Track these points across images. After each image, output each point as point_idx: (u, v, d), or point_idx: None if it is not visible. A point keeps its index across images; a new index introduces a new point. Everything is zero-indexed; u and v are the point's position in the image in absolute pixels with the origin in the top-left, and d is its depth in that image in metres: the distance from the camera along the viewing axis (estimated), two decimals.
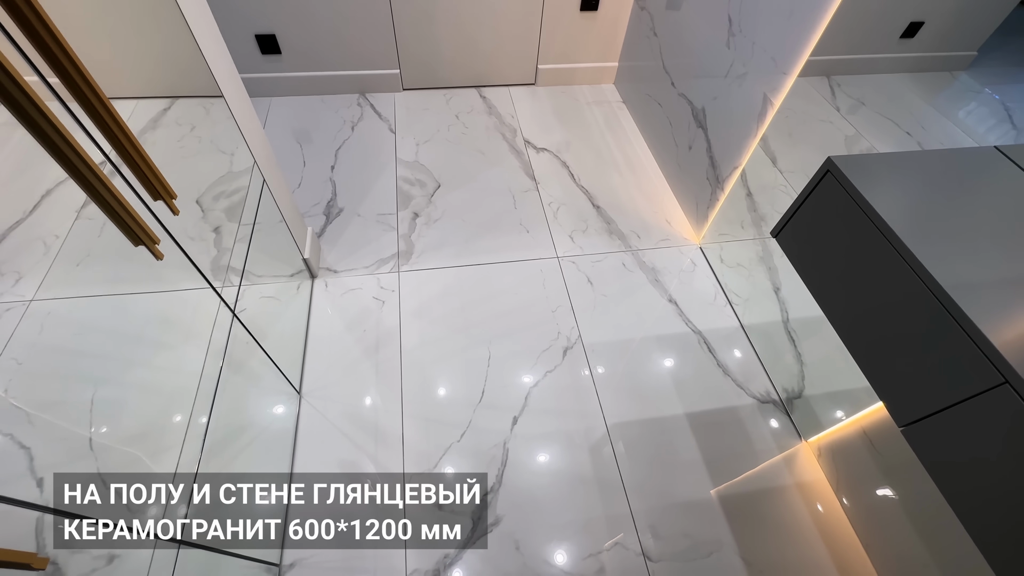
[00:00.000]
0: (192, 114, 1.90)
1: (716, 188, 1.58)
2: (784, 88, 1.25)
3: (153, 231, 0.67)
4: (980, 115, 1.22)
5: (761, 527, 1.16)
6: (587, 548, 1.11)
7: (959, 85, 1.24)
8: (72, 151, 0.54)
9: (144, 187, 0.71)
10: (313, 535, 1.09)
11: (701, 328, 1.49)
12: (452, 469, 1.19)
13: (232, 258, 1.46)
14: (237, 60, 1.96)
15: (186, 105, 1.91)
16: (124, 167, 0.69)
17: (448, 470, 1.19)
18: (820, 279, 0.80)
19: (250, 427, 1.25)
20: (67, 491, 0.91)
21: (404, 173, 1.83)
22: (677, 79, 1.75)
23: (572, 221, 1.74)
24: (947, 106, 1.27)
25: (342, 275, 1.53)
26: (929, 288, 0.61)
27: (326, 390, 1.30)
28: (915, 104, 1.31)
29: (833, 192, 0.75)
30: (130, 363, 1.28)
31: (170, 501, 1.03)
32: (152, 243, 0.67)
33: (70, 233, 1.41)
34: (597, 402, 1.32)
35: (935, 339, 0.61)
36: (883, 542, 1.10)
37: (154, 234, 0.67)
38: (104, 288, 1.37)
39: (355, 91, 2.13)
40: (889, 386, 0.69)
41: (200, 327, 1.33)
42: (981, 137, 1.18)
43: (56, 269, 1.36)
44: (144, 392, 1.25)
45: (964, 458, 0.59)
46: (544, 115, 2.12)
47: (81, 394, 1.21)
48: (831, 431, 1.21)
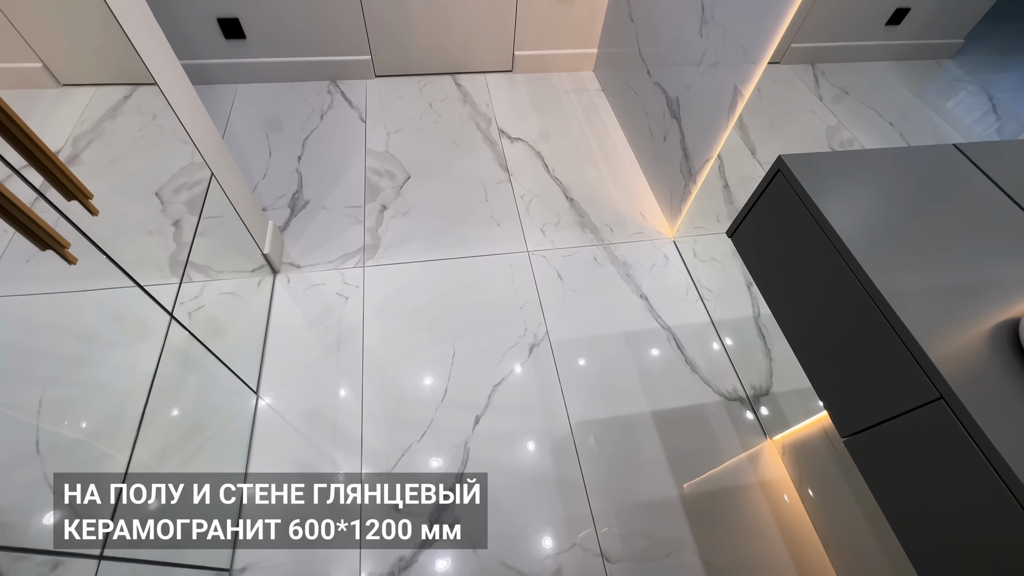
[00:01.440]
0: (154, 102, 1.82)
1: (689, 180, 1.54)
2: (754, 78, 1.21)
3: (60, 235, 0.63)
4: (965, 105, 1.19)
5: (722, 526, 1.15)
6: (546, 549, 1.10)
7: (944, 74, 1.21)
8: None
9: (55, 188, 0.67)
10: (266, 537, 1.08)
11: (671, 324, 1.47)
12: (411, 469, 1.18)
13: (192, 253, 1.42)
14: (200, 45, 1.90)
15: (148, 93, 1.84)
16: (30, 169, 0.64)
17: (407, 470, 1.17)
18: (771, 281, 0.77)
19: (205, 427, 1.23)
20: None
21: (373, 164, 1.79)
22: (653, 67, 1.70)
23: (544, 214, 1.70)
24: (932, 95, 1.24)
25: (305, 270, 1.50)
26: (871, 297, 0.59)
27: (285, 389, 1.28)
28: (899, 93, 1.27)
29: (783, 192, 0.72)
30: (81, 362, 1.25)
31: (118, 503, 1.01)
32: (60, 247, 0.63)
33: None
34: (562, 400, 1.30)
35: (876, 349, 0.59)
36: (841, 541, 1.09)
37: (62, 238, 0.63)
38: (55, 285, 1.33)
39: (325, 78, 2.06)
40: (834, 395, 0.67)
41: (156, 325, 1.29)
42: (965, 128, 1.15)
43: (4, 265, 1.31)
44: (95, 392, 1.22)
45: (900, 472, 0.58)
46: (520, 104, 2.07)
47: (29, 394, 1.18)
48: (795, 429, 1.20)
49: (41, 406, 1.16)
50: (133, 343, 1.31)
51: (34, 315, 1.31)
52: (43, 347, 1.26)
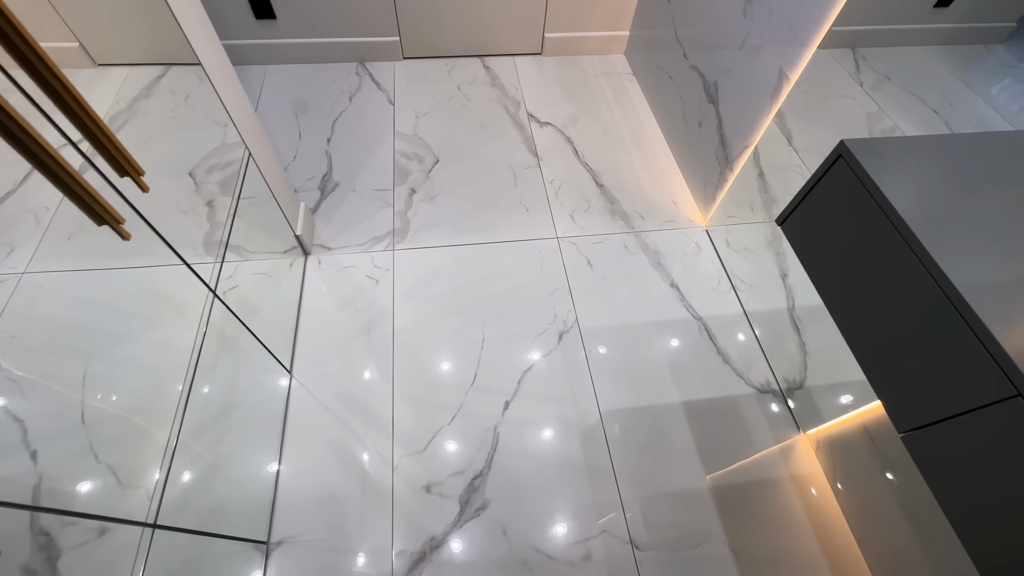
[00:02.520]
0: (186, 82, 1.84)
1: (725, 168, 1.50)
2: (802, 62, 1.16)
3: (116, 210, 0.64)
4: (1014, 92, 1.13)
5: (753, 519, 1.14)
6: (575, 535, 1.10)
7: (993, 59, 1.15)
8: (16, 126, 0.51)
9: (109, 164, 0.68)
10: (301, 513, 1.10)
11: (702, 314, 1.45)
12: (442, 452, 1.19)
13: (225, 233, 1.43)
14: (230, 25, 1.90)
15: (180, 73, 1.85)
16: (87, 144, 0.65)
17: (438, 453, 1.18)
18: (825, 271, 0.75)
19: (240, 405, 1.25)
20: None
21: (402, 147, 1.78)
22: (689, 50, 1.65)
23: (574, 200, 1.68)
24: (978, 82, 1.18)
25: (336, 252, 1.50)
26: (942, 288, 0.56)
27: (317, 369, 1.29)
28: (945, 79, 1.21)
29: (844, 179, 0.69)
30: (122, 338, 1.28)
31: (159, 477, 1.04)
32: (116, 223, 0.64)
33: (60, 205, 1.39)
34: (591, 388, 1.30)
35: (944, 343, 0.57)
36: (877, 538, 1.08)
37: (118, 213, 0.64)
38: (96, 262, 1.36)
39: (353, 59, 2.05)
40: (891, 389, 0.65)
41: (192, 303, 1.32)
42: (1013, 116, 1.10)
43: (47, 242, 1.35)
44: (136, 367, 1.25)
45: (967, 471, 0.56)
46: (549, 87, 2.03)
47: (73, 368, 1.21)
48: (831, 424, 1.18)
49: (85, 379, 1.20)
50: (170, 320, 1.34)
51: (76, 291, 1.34)
52: (85, 322, 1.30)
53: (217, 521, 1.05)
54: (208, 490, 1.10)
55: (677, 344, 1.39)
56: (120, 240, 1.42)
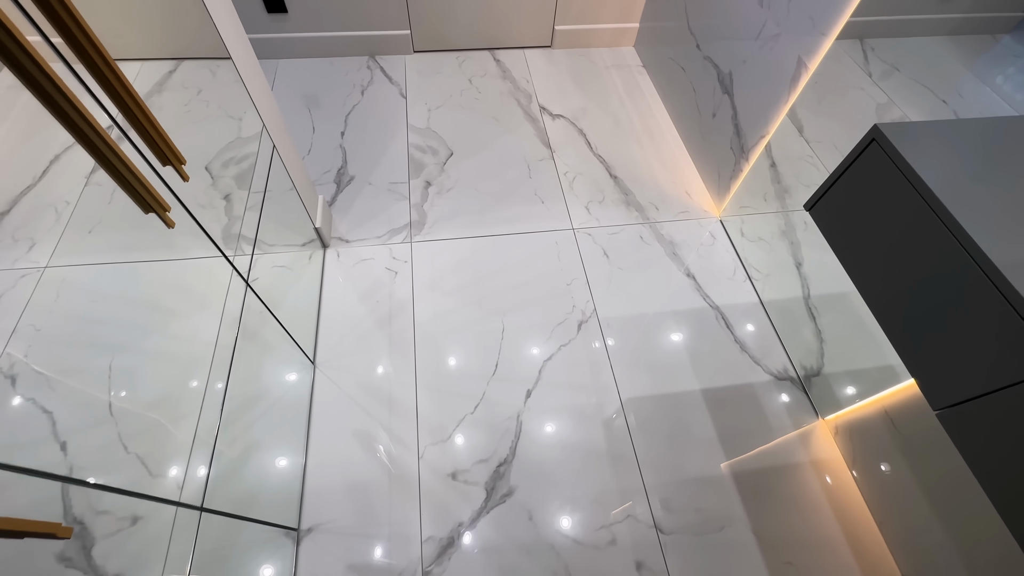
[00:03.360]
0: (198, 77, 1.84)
1: (740, 158, 1.51)
2: (821, 50, 1.17)
3: (163, 198, 0.65)
4: (1019, 80, 1.14)
5: (774, 503, 1.16)
6: (599, 519, 1.12)
7: (1001, 48, 1.16)
8: (78, 115, 0.51)
9: (153, 152, 0.68)
10: (330, 501, 1.12)
11: (719, 303, 1.46)
12: (466, 440, 1.20)
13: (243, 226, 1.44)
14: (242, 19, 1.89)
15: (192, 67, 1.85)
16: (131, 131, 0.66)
17: (462, 441, 1.20)
18: (855, 254, 0.76)
19: (266, 396, 1.26)
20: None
21: (416, 140, 1.78)
22: (703, 41, 1.65)
23: (588, 191, 1.69)
24: (986, 71, 1.19)
25: (354, 245, 1.51)
26: (979, 265, 0.58)
27: (340, 360, 1.30)
28: (953, 69, 1.22)
29: (878, 162, 0.70)
30: (146, 331, 1.29)
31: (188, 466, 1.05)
32: (163, 211, 0.65)
33: (80, 199, 1.39)
34: (611, 376, 1.31)
35: (982, 320, 0.58)
36: (897, 520, 1.09)
37: (165, 201, 0.65)
38: (117, 255, 1.37)
39: (365, 53, 2.05)
40: (926, 366, 0.66)
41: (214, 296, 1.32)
42: (1019, 104, 1.11)
43: (68, 236, 1.35)
44: (160, 359, 1.26)
45: (1006, 447, 0.57)
46: (560, 79, 2.04)
47: (99, 360, 1.22)
48: (850, 409, 1.19)
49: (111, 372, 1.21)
50: (194, 313, 1.35)
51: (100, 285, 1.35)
52: (109, 316, 1.31)
53: (248, 508, 1.06)
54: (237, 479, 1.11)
55: (694, 333, 1.40)
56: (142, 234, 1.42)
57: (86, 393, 1.19)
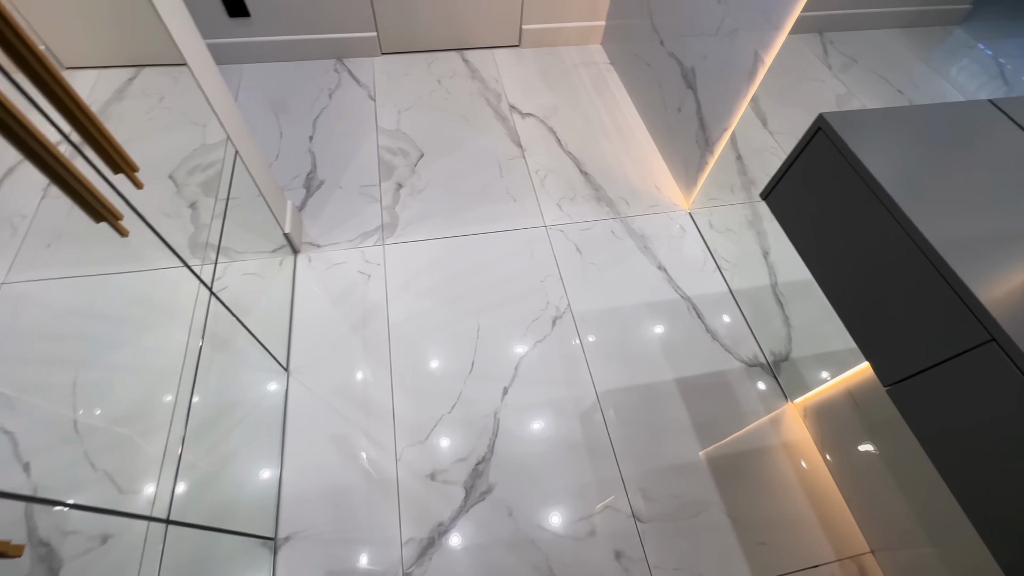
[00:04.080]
0: (160, 84, 1.80)
1: (706, 151, 1.54)
2: (776, 44, 1.20)
3: (115, 207, 0.63)
4: (973, 71, 1.19)
5: (748, 486, 1.19)
6: (579, 512, 1.13)
7: (953, 40, 1.21)
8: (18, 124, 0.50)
9: (103, 160, 0.67)
10: (307, 508, 1.11)
11: (690, 294, 1.49)
12: (444, 440, 1.20)
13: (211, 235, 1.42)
14: (203, 24, 1.86)
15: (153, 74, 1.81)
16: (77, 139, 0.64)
17: (440, 441, 1.20)
18: (808, 241, 0.79)
19: (239, 405, 1.24)
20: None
21: (386, 142, 1.77)
22: (666, 37, 1.68)
23: (560, 189, 1.70)
24: (940, 62, 1.24)
25: (326, 249, 1.50)
26: (918, 246, 0.60)
27: (314, 366, 1.29)
28: (908, 61, 1.27)
29: (824, 150, 0.72)
30: (112, 344, 1.26)
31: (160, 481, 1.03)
32: (115, 219, 0.64)
33: (37, 213, 1.35)
34: (587, 370, 1.33)
35: (923, 298, 0.61)
36: (864, 497, 1.13)
37: (116, 210, 0.64)
38: (79, 269, 1.33)
39: (332, 56, 2.03)
40: (875, 346, 0.69)
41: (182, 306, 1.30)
42: (973, 94, 1.16)
43: (26, 251, 1.31)
44: (128, 373, 1.23)
45: (948, 417, 0.60)
46: (529, 78, 2.05)
47: (62, 377, 1.19)
48: (817, 391, 1.23)
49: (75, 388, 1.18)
50: (161, 324, 1.32)
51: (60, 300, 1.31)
52: (72, 331, 1.27)
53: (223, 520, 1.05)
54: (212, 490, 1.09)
55: (667, 324, 1.43)
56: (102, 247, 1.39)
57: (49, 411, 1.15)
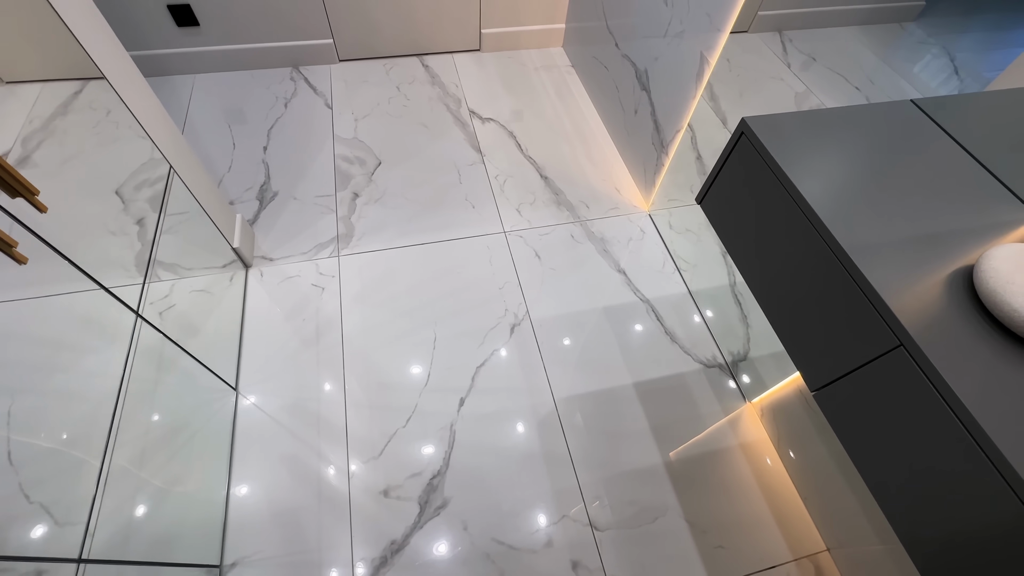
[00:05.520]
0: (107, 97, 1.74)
1: (661, 152, 1.54)
2: (719, 45, 1.20)
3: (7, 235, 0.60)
4: (929, 67, 1.20)
5: (706, 489, 1.19)
6: (535, 523, 1.12)
7: (908, 36, 1.22)
8: None
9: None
10: (256, 532, 1.07)
11: (649, 296, 1.49)
12: (398, 455, 1.18)
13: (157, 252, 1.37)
14: (151, 35, 1.82)
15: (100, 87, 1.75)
16: None
17: (394, 456, 1.17)
18: (739, 245, 0.78)
19: (185, 427, 1.21)
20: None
21: (342, 151, 1.75)
22: (621, 40, 1.68)
23: (519, 194, 1.69)
24: (896, 59, 1.25)
25: (278, 263, 1.47)
26: (834, 252, 0.60)
27: (264, 384, 1.26)
28: (865, 58, 1.28)
29: (748, 154, 0.72)
30: (49, 370, 1.21)
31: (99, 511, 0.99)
32: (8, 247, 0.61)
33: None
34: (545, 377, 1.31)
35: (840, 304, 0.60)
36: (818, 495, 1.14)
37: (8, 237, 0.61)
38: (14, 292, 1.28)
39: (287, 64, 2.00)
40: (803, 352, 0.68)
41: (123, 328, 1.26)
42: (930, 91, 1.17)
43: None
44: (66, 399, 1.18)
45: (865, 420, 0.60)
46: (490, 83, 2.04)
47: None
48: (772, 391, 1.23)
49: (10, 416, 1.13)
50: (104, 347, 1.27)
51: None
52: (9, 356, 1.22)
53: (167, 549, 1.01)
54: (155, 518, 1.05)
55: (626, 327, 1.42)
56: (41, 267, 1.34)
57: None
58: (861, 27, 1.30)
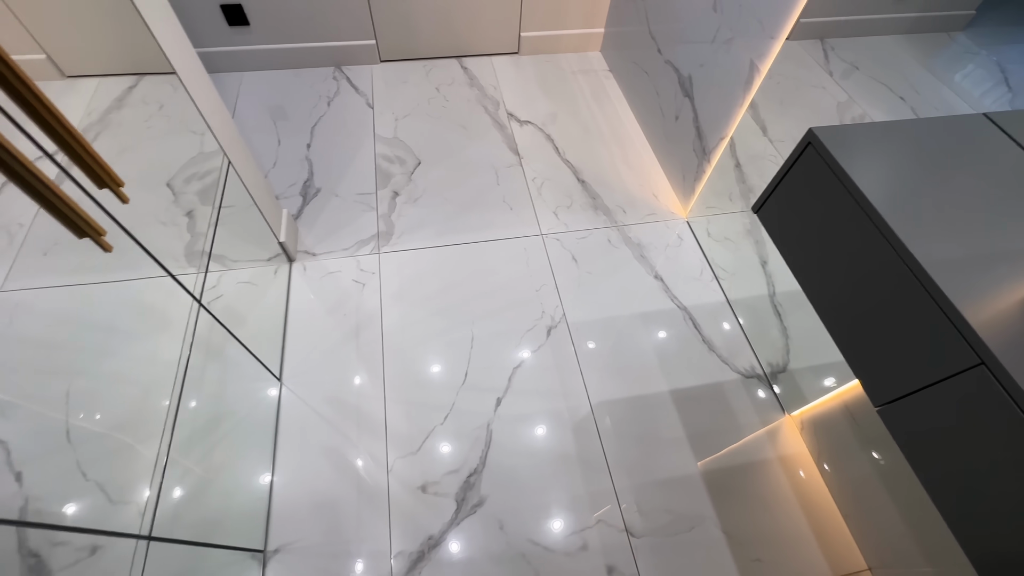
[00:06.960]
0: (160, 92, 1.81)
1: (703, 160, 1.53)
2: (771, 53, 1.19)
3: (96, 223, 0.63)
4: (976, 78, 1.17)
5: (743, 500, 1.17)
6: (571, 526, 1.12)
7: (956, 46, 1.20)
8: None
9: (88, 176, 0.67)
10: (297, 520, 1.10)
11: (686, 304, 1.48)
12: (436, 451, 1.19)
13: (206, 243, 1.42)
14: (204, 33, 1.87)
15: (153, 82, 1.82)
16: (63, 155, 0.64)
17: (432, 452, 1.19)
18: (800, 256, 0.77)
19: (231, 415, 1.24)
20: None
21: (383, 150, 1.78)
22: (663, 45, 1.68)
23: (556, 197, 1.69)
24: (942, 69, 1.22)
25: (321, 258, 1.50)
26: (908, 266, 0.59)
27: (307, 375, 1.29)
28: (910, 67, 1.26)
29: (814, 165, 0.71)
30: (105, 353, 1.26)
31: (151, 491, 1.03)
32: (97, 235, 0.64)
33: (34, 222, 1.36)
34: (581, 381, 1.32)
35: (914, 319, 0.59)
36: (862, 513, 1.11)
37: (99, 225, 0.64)
38: (75, 277, 1.34)
39: (330, 64, 2.04)
40: (866, 365, 0.67)
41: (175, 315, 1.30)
42: (976, 101, 1.14)
43: (23, 259, 1.32)
44: (120, 383, 1.23)
45: (938, 439, 0.58)
46: (528, 86, 2.05)
47: (56, 386, 1.19)
48: (814, 404, 1.21)
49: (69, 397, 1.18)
50: (153, 334, 1.32)
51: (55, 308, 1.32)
52: (66, 339, 1.27)
53: (212, 532, 1.04)
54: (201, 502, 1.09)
55: (663, 334, 1.42)
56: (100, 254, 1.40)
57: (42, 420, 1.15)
58: (906, 36, 1.27)
